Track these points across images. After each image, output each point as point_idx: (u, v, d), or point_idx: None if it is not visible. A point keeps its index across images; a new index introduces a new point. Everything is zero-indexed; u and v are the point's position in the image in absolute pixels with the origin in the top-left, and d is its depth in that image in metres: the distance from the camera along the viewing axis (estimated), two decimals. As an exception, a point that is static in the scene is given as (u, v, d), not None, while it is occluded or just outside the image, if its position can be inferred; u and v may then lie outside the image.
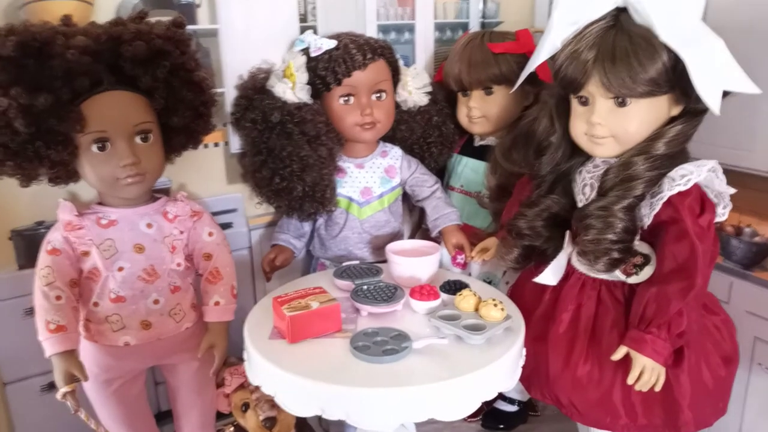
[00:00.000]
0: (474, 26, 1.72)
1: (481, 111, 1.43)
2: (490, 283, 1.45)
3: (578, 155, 1.11)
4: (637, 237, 1.00)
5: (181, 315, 1.16)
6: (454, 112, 1.50)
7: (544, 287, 1.15)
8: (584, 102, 1.01)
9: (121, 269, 1.08)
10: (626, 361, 0.99)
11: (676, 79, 0.94)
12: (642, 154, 0.98)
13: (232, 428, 1.28)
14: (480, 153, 1.49)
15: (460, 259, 1.47)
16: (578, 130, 1.04)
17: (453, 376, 0.91)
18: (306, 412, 0.92)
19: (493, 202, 1.41)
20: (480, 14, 1.74)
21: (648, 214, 0.97)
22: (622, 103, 0.97)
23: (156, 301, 1.12)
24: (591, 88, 0.98)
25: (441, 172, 1.57)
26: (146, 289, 1.10)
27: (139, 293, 1.10)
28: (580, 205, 1.10)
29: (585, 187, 1.09)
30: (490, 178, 1.40)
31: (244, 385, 1.24)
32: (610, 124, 0.98)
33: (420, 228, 1.70)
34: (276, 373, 0.93)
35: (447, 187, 1.54)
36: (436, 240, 1.43)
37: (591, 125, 1.00)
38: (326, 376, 0.91)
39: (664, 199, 0.94)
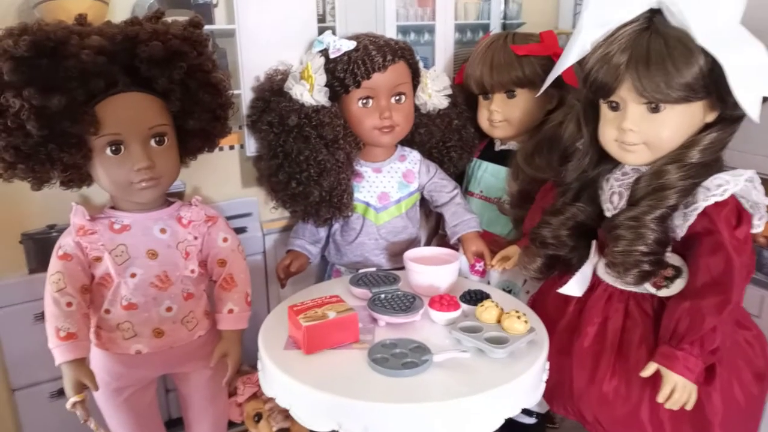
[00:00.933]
0: (495, 27, 1.68)
1: (502, 114, 1.40)
2: (510, 292, 1.42)
3: (606, 162, 1.08)
4: (669, 249, 0.96)
5: (194, 323, 1.14)
6: (475, 116, 1.47)
7: (568, 298, 1.12)
8: (615, 107, 0.98)
9: (133, 275, 1.06)
10: (655, 377, 0.96)
11: (712, 85, 0.90)
12: (675, 162, 0.95)
13: (244, 438, 1.27)
14: (501, 158, 1.46)
15: (479, 266, 1.45)
16: (608, 136, 1.00)
17: (475, 392, 0.88)
18: (322, 426, 0.90)
19: (514, 208, 1.38)
20: (501, 15, 1.70)
21: (681, 226, 0.94)
22: (655, 109, 0.94)
23: (169, 309, 1.10)
24: (623, 93, 0.95)
25: (460, 177, 1.54)
26: (159, 296, 1.08)
27: (151, 300, 1.08)
28: (607, 214, 1.07)
29: (613, 195, 1.06)
30: (511, 184, 1.37)
31: (257, 395, 1.22)
32: (643, 131, 0.95)
33: (437, 234, 1.67)
34: (291, 385, 0.91)
35: (466, 192, 1.51)
36: (455, 247, 1.40)
37: (622, 132, 0.97)
38: (344, 389, 0.88)
39: (699, 210, 0.91)
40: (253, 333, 1.07)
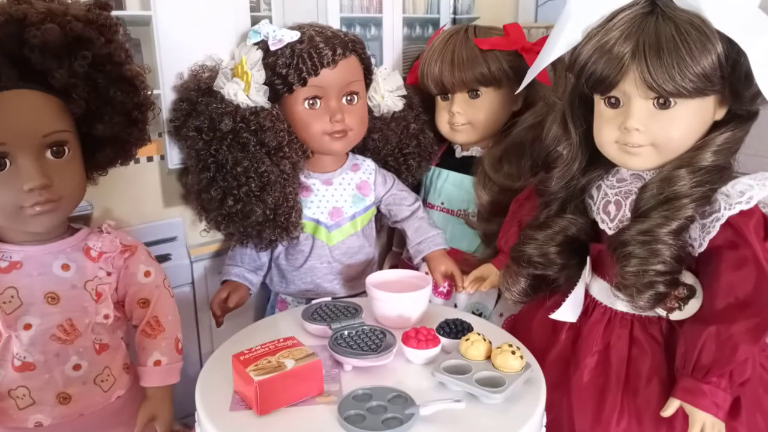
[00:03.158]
0: (446, 23, 1.57)
1: (465, 117, 1.28)
2: (480, 315, 1.29)
3: (596, 167, 0.98)
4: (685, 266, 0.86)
5: (111, 381, 0.93)
6: (432, 119, 1.35)
7: (557, 324, 1.01)
8: (614, 104, 0.88)
9: (28, 327, 0.84)
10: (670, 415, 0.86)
11: (728, 75, 0.81)
12: (686, 166, 0.85)
13: None
14: (462, 165, 1.35)
15: (443, 288, 1.31)
16: (607, 137, 0.90)
17: (475, 451, 0.74)
18: None
19: (484, 222, 1.27)
20: (451, 9, 1.59)
21: (700, 239, 0.84)
22: (664, 105, 0.84)
23: (77, 367, 0.88)
24: (626, 87, 0.84)
25: (416, 188, 1.41)
26: (63, 352, 0.87)
27: (53, 357, 0.86)
28: (602, 226, 0.96)
29: (608, 205, 0.95)
30: (481, 194, 1.25)
31: (193, 461, 1.02)
32: (650, 131, 0.85)
33: (390, 251, 1.53)
34: (244, 459, 0.74)
35: (425, 204, 1.38)
36: (416, 267, 1.27)
37: (625, 132, 0.86)
38: (313, 461, 0.72)
39: (723, 220, 0.81)
40: (184, 382, 0.89)
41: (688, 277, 0.88)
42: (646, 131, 0.85)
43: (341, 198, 1.22)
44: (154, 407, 0.94)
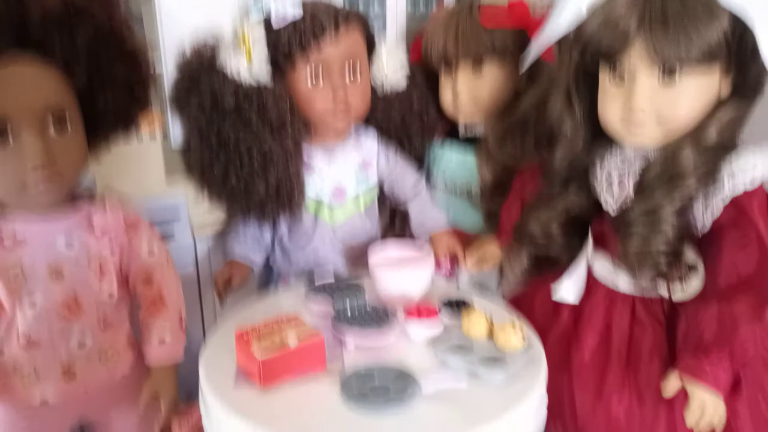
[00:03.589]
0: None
1: (469, 93, 1.27)
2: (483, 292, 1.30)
3: (600, 145, 0.97)
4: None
5: (115, 359, 0.94)
6: (436, 97, 1.33)
7: (559, 303, 1.02)
8: (620, 79, 0.87)
9: (32, 304, 0.84)
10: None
11: (734, 49, 0.80)
12: (690, 143, 0.85)
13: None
14: (465, 143, 1.34)
15: (446, 266, 1.31)
16: (612, 114, 0.89)
17: (474, 425, 0.75)
18: (291, 484, 0.74)
19: (487, 201, 1.27)
20: (456, -15, 1.57)
21: (704, 218, 0.84)
22: (670, 79, 0.83)
23: (81, 343, 0.89)
24: (632, 61, 0.83)
25: (419, 167, 1.40)
26: (67, 328, 0.87)
27: (57, 334, 0.87)
28: (606, 206, 0.96)
29: (611, 183, 0.95)
30: (483, 173, 1.25)
31: (198, 435, 1.04)
32: (656, 105, 0.84)
33: (392, 230, 1.53)
34: (246, 431, 0.74)
35: (428, 183, 1.37)
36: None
37: (630, 107, 0.85)
38: (316, 435, 0.73)
39: (728, 199, 0.81)
40: (185, 357, 0.91)
41: (690, 256, 0.88)
42: (651, 108, 0.85)
43: (344, 175, 1.22)
44: (158, 385, 0.94)
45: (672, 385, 0.85)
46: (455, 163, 1.35)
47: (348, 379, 0.81)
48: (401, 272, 1.03)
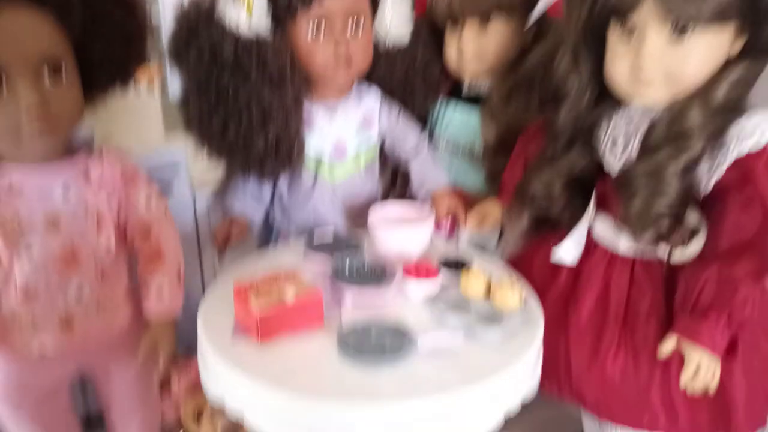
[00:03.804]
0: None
1: (475, 49, 1.24)
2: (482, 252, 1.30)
3: (606, 103, 0.96)
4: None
5: (113, 312, 0.95)
6: (440, 53, 1.31)
7: (558, 264, 1.01)
8: (629, 35, 0.84)
9: (29, 253, 0.84)
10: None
11: (748, 9, 0.78)
12: (697, 102, 0.83)
13: (181, 435, 1.10)
14: (469, 101, 1.32)
15: (446, 226, 1.31)
16: (619, 70, 0.87)
17: (471, 383, 0.75)
18: (286, 435, 0.75)
19: (489, 159, 1.25)
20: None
21: (707, 178, 0.83)
22: (680, 35, 0.81)
23: (79, 294, 0.89)
24: (643, 16, 0.81)
25: (421, 124, 1.38)
26: (65, 279, 0.88)
27: (55, 284, 0.87)
28: (609, 165, 0.95)
29: (616, 142, 0.94)
30: (487, 132, 1.23)
31: (196, 388, 1.05)
32: (665, 63, 0.83)
33: (393, 191, 1.52)
34: (244, 383, 0.76)
35: (430, 140, 1.35)
36: (419, 205, 1.26)
37: (638, 64, 0.84)
38: (312, 387, 0.74)
39: (731, 160, 0.80)
40: (185, 311, 0.91)
41: (692, 218, 0.87)
42: (660, 64, 0.83)
43: (345, 131, 1.20)
44: (157, 337, 0.95)
45: (668, 345, 0.85)
46: (458, 122, 1.33)
47: (345, 335, 0.82)
48: (400, 231, 1.03)
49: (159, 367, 0.95)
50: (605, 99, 0.95)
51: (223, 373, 0.78)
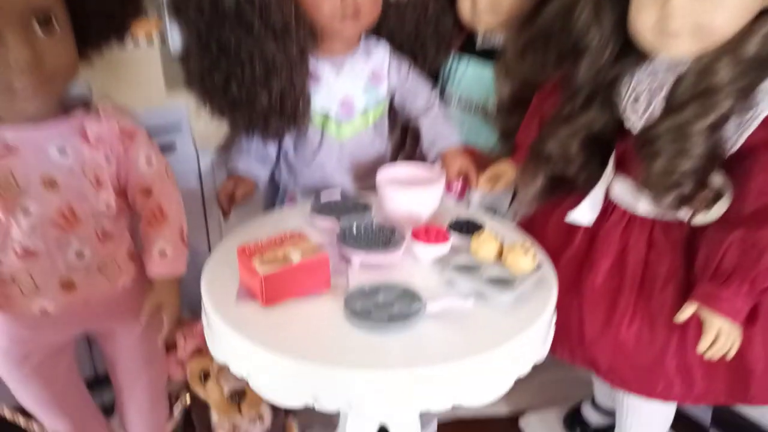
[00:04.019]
0: None
1: (489, 0, 1.19)
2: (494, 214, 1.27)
3: (628, 58, 0.91)
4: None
5: (115, 270, 0.93)
6: (453, 3, 1.25)
7: (573, 226, 0.99)
8: None
9: (27, 213, 0.82)
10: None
11: None
12: (727, 56, 0.78)
13: (187, 396, 1.10)
14: (484, 56, 1.26)
15: (457, 186, 1.28)
16: (645, 21, 0.82)
17: (482, 349, 0.73)
18: (291, 401, 0.74)
19: (503, 117, 1.21)
20: None
21: (735, 137, 0.79)
22: None
23: (79, 254, 0.87)
24: None
25: (433, 79, 1.34)
26: (64, 239, 0.86)
27: (54, 245, 0.85)
28: (630, 123, 0.90)
29: (638, 98, 0.89)
30: (501, 87, 1.19)
31: (202, 350, 1.05)
32: (694, 12, 0.78)
33: (402, 149, 1.48)
34: (248, 348, 0.74)
35: (441, 97, 1.31)
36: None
37: (665, 14, 0.78)
38: (318, 352, 0.72)
39: (761, 118, 0.75)
40: (191, 272, 0.88)
41: (717, 178, 0.83)
42: (689, 14, 0.78)
43: (352, 87, 1.16)
44: (161, 297, 0.94)
45: (687, 312, 0.83)
46: (471, 77, 1.29)
47: (352, 295, 0.80)
48: (409, 192, 1.00)
49: (164, 327, 0.94)
50: (628, 53, 0.90)
51: (228, 337, 0.77)
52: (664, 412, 1.03)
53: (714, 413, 1.23)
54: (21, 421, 0.88)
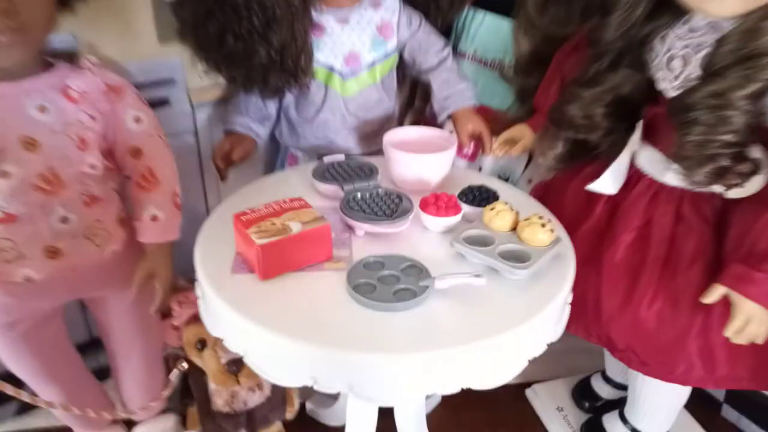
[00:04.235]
0: None
1: (509, -55, 1.10)
2: (507, 180, 1.21)
3: (663, 15, 0.83)
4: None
5: (104, 236, 0.88)
6: (469, -51, 1.17)
7: (594, 195, 0.93)
8: None
9: (6, 175, 0.77)
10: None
11: None
12: None
13: (184, 363, 1.07)
14: (501, 6, 1.18)
15: (468, 149, 1.21)
16: None
17: (494, 330, 0.68)
18: (290, 381, 0.70)
19: (521, 75, 1.14)
20: None
21: (777, 107, 0.72)
22: None
23: (64, 219, 0.82)
24: None
25: (446, 33, 1.26)
26: (47, 203, 0.80)
27: (37, 209, 0.80)
28: (661, 85, 0.83)
29: (673, 59, 0.82)
30: (521, 42, 1.11)
31: (198, 317, 1.01)
32: None
33: (412, 106, 1.41)
34: (244, 324, 0.69)
35: (455, 52, 1.23)
36: (440, 125, 1.16)
37: None
38: (318, 332, 0.68)
39: None
40: (188, 236, 0.84)
41: (755, 151, 0.77)
42: None
43: (359, 40, 1.09)
44: (153, 264, 0.90)
45: (714, 295, 0.78)
46: (488, 29, 1.21)
47: (355, 268, 0.76)
48: (419, 156, 0.93)
49: (156, 297, 0.90)
50: (663, 10, 0.82)
51: (222, 312, 0.72)
52: (680, 392, 1.00)
53: (728, 389, 1.20)
54: (9, 389, 0.85)
